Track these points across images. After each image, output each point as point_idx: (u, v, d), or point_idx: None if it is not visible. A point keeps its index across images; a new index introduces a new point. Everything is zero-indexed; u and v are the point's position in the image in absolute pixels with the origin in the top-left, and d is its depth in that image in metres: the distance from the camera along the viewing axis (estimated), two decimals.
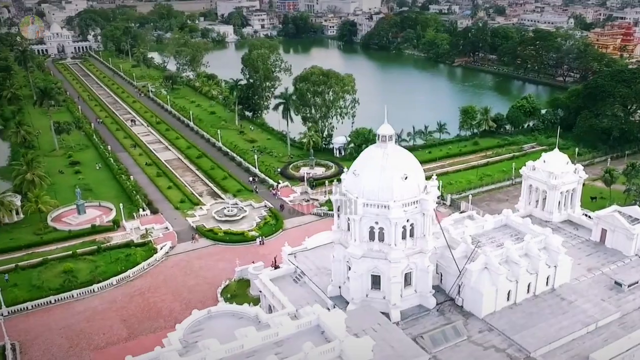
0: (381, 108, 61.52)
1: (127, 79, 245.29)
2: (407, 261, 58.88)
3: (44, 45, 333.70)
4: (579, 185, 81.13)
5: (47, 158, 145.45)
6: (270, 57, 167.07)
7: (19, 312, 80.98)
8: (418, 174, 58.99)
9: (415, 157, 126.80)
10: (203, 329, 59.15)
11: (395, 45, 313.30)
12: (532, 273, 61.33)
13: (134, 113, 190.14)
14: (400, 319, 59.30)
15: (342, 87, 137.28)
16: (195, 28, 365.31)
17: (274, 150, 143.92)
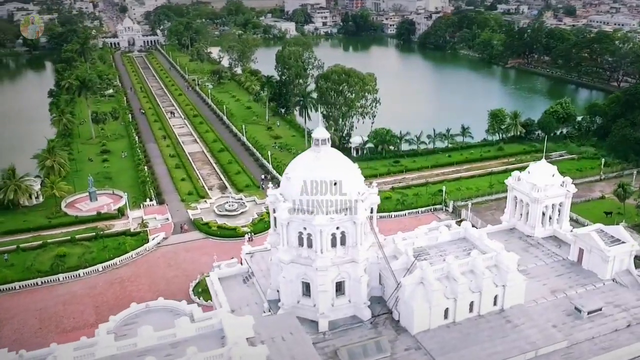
0: (418, 109, 58.72)
1: (181, 73, 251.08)
2: (337, 270, 55.82)
3: (117, 39, 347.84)
4: (567, 200, 74.53)
5: (83, 146, 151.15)
6: (303, 54, 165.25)
7: (6, 291, 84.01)
8: (351, 181, 55.61)
9: (434, 160, 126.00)
10: (137, 322, 58.55)
11: (450, 45, 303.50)
12: (475, 291, 56.59)
13: (176, 105, 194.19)
14: (329, 329, 56.36)
15: (362, 87, 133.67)
16: (259, 25, 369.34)
17: (294, 147, 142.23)
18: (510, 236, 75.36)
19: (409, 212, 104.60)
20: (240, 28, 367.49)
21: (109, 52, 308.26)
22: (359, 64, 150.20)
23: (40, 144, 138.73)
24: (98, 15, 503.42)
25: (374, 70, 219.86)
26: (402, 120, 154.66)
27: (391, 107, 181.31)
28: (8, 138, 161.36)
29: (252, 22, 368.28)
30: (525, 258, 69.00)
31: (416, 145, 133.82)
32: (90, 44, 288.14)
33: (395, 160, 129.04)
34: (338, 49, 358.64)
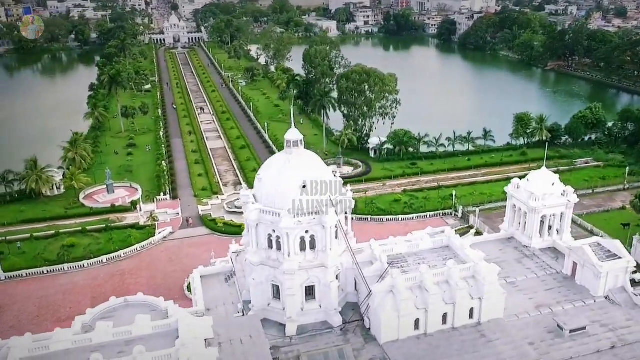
0: (446, 111, 57.21)
1: (218, 69, 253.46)
2: (306, 274, 54.38)
3: (163, 35, 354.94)
4: (568, 210, 70.55)
5: (112, 139, 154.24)
6: (330, 54, 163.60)
7: (14, 278, 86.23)
8: (323, 184, 53.90)
9: (452, 163, 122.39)
10: (113, 316, 58.78)
11: (490, 46, 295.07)
12: (448, 303, 54.04)
13: (207, 102, 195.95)
14: (298, 333, 54.99)
15: (381, 87, 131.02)
16: (301, 23, 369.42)
17: (314, 146, 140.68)
18: (506, 246, 72.09)
19: (417, 215, 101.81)
20: (283, 26, 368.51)
21: (152, 48, 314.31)
22: (394, 63, 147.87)
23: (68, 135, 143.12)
24: (149, 12, 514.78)
25: (407, 70, 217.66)
26: (427, 121, 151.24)
27: (418, 108, 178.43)
28: (46, 130, 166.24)
29: (295, 21, 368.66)
30: (516, 269, 65.97)
31: (435, 148, 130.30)
32: (135, 41, 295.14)
33: (412, 162, 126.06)
34: (377, 48, 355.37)
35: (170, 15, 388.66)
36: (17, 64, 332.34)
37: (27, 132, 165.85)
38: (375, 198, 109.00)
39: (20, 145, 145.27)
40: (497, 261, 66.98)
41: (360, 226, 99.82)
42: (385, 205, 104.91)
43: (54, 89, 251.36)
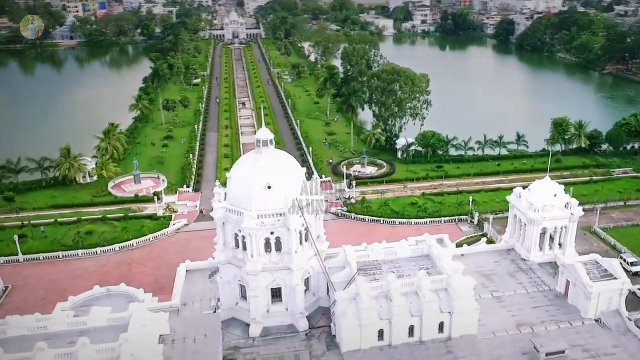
0: (486, 113, 55.33)
1: (268, 65, 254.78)
2: (271, 276, 52.96)
3: (223, 31, 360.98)
4: (572, 224, 65.76)
5: (153, 131, 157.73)
6: (370, 52, 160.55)
7: (31, 261, 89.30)
8: (289, 186, 52.15)
9: (480, 168, 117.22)
10: (94, 304, 59.73)
11: (548, 48, 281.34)
12: (415, 315, 51.20)
13: (250, 97, 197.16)
14: (262, 335, 53.76)
15: (411, 87, 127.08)
16: (358, 21, 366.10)
17: (344, 144, 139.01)
18: (504, 257, 68.12)
19: (431, 220, 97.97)
20: (339, 24, 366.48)
21: (210, 44, 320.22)
22: (445, 64, 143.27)
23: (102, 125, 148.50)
24: (215, 8, 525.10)
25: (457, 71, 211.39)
26: (462, 124, 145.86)
27: (457, 110, 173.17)
28: (95, 120, 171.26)
29: (352, 19, 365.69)
30: (506, 283, 62.10)
31: (463, 152, 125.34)
32: (194, 36, 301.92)
33: (438, 165, 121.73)
34: (432, 47, 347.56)
35: (231, 12, 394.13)
36: (87, 56, 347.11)
37: (78, 121, 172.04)
38: (392, 200, 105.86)
39: (68, 134, 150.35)
40: (489, 273, 63.68)
41: (371, 228, 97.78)
42: (400, 208, 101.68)
43: (115, 81, 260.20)
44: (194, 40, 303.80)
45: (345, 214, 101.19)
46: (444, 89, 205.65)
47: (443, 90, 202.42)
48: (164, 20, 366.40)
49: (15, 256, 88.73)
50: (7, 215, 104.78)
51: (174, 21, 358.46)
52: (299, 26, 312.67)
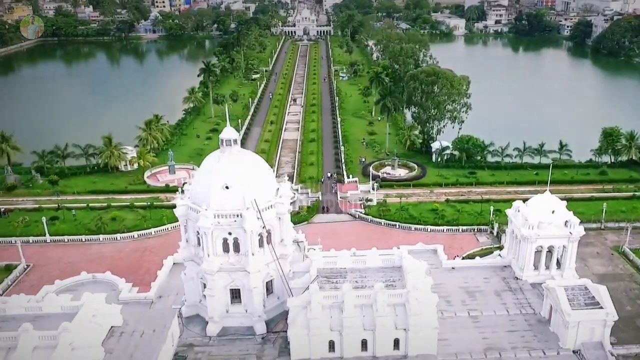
0: (537, 119, 53.53)
1: (329, 63, 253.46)
2: (229, 277, 51.92)
3: (294, 28, 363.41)
4: (571, 244, 60.03)
5: (202, 123, 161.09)
6: (418, 53, 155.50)
7: (57, 242, 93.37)
8: (249, 187, 50.70)
9: (515, 176, 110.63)
10: (77, 290, 61.47)
11: (625, 52, 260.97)
12: (368, 329, 48.44)
13: (304, 93, 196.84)
14: (220, 334, 52.95)
15: (449, 89, 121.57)
16: (428, 20, 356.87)
17: (380, 144, 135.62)
18: (496, 274, 63.44)
19: (448, 228, 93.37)
20: (410, 23, 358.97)
21: (279, 40, 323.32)
22: (511, 65, 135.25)
23: (170, 118, 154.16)
24: (294, 5, 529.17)
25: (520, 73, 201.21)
26: (510, 129, 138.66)
27: (505, 115, 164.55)
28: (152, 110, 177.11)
29: (423, 17, 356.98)
30: (488, 302, 57.72)
31: (500, 158, 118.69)
32: (264, 32, 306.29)
33: (471, 171, 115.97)
34: (503, 48, 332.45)
35: (303, 9, 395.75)
36: (165, 49, 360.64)
37: (134, 111, 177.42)
38: (413, 205, 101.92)
39: (120, 123, 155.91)
40: (474, 290, 59.72)
41: (385, 232, 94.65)
42: (419, 213, 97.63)
43: (183, 73, 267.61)
44: (263, 36, 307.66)
45: (362, 216, 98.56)
46: (501, 92, 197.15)
47: (499, 93, 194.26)
48: (238, 16, 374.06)
49: (43, 236, 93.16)
50: (49, 197, 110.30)
51: (248, 17, 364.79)
52: (366, 24, 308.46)
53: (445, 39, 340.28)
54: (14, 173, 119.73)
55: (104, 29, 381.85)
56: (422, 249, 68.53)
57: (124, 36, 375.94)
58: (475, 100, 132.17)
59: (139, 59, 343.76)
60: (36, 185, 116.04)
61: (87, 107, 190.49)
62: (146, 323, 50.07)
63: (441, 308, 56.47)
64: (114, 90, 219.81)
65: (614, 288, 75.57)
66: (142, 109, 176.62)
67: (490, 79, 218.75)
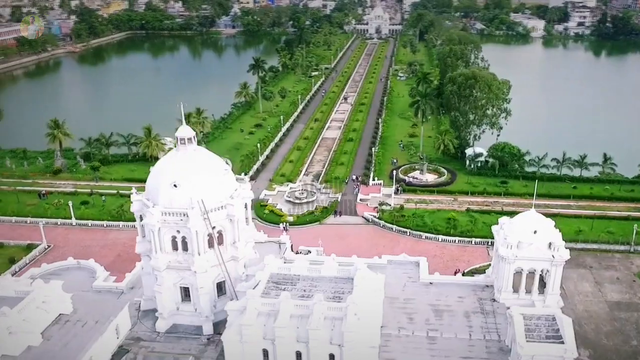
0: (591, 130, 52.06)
1: (391, 62, 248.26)
2: (178, 275, 51.34)
3: (366, 26, 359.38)
4: (555, 268, 54.35)
5: (250, 118, 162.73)
6: (469, 55, 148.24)
7: (82, 225, 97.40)
8: (198, 187, 49.62)
9: (549, 189, 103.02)
10: (60, 275, 63.63)
11: None
12: (301, 341, 46.12)
13: (358, 92, 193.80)
14: (168, 331, 52.63)
15: (487, 94, 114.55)
16: (505, 20, 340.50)
17: (417, 148, 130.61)
18: (473, 293, 58.82)
19: (460, 239, 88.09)
20: (486, 23, 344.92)
21: (348, 37, 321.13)
22: (581, 70, 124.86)
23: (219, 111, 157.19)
24: (374, 3, 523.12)
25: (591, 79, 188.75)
26: (559, 138, 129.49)
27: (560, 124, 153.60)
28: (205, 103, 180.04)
29: (500, 18, 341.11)
30: (453, 324, 53.62)
31: (537, 168, 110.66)
32: (333, 29, 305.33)
33: (503, 180, 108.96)
34: (581, 52, 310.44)
35: (376, 8, 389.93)
36: (242, 44, 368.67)
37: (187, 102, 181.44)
38: (431, 212, 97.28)
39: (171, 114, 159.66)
40: (443, 309, 56.01)
41: (394, 238, 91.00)
42: (432, 221, 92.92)
43: None
44: (333, 34, 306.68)
45: (375, 220, 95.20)
46: (563, 99, 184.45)
47: (561, 100, 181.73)
48: (313, 14, 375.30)
49: (69, 219, 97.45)
50: (87, 182, 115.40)
51: (322, 15, 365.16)
52: (437, 23, 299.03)
53: (521, 40, 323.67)
54: (62, 158, 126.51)
55: (187, 23, 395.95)
56: (404, 260, 64.92)
57: (204, 31, 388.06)
58: (528, 106, 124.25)
59: (216, 53, 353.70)
60: (79, 170, 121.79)
61: (150, 97, 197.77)
62: (94, 313, 50.59)
63: (401, 325, 53.22)
64: (181, 82, 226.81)
65: (626, 319, 68.78)
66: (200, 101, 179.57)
67: (555, 85, 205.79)
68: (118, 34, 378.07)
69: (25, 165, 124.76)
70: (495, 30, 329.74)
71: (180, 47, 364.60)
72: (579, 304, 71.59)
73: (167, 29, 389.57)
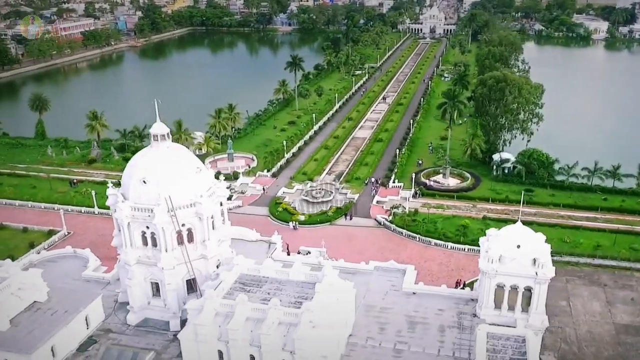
0: None
1: (439, 62, 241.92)
2: (146, 269, 51.40)
3: (421, 25, 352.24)
4: (539, 286, 50.64)
5: (287, 115, 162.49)
6: (508, 57, 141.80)
7: (103, 214, 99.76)
8: (167, 183, 49.27)
9: (576, 199, 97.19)
10: (56, 262, 65.57)
11: None
12: (254, 345, 44.98)
13: (398, 92, 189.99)
14: (139, 324, 52.82)
15: (515, 98, 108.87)
16: (566, 21, 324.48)
17: (444, 151, 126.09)
18: (455, 306, 55.93)
19: (470, 248, 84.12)
20: (545, 24, 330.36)
21: (400, 37, 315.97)
22: None
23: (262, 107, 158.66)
24: (432, 2, 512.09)
25: None
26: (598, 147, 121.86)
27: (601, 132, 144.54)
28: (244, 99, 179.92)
29: (560, 19, 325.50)
30: (425, 338, 51.21)
31: (566, 178, 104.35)
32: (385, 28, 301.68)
33: (529, 188, 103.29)
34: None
35: (432, 7, 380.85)
36: (297, 41, 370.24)
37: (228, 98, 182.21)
38: (445, 217, 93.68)
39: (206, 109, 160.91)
40: (419, 321, 53.77)
41: (402, 243, 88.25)
42: (442, 227, 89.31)
43: None
44: (385, 33, 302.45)
45: (386, 224, 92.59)
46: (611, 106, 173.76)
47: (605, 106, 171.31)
48: (367, 12, 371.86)
49: (92, 208, 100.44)
50: (118, 172, 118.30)
51: (375, 14, 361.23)
52: (491, 24, 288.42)
53: (582, 42, 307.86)
54: (99, 148, 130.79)
55: (245, 20, 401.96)
56: (391, 267, 62.53)
57: (261, 28, 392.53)
58: (571, 112, 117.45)
59: (271, 50, 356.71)
60: (112, 160, 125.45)
61: (197, 91, 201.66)
62: (67, 303, 51.31)
63: (370, 335, 51.22)
64: (231, 78, 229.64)
65: (632, 344, 63.89)
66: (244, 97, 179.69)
67: (608, 89, 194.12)
68: (179, 30, 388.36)
69: (64, 154, 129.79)
70: (555, 32, 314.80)
71: (237, 44, 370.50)
72: (583, 324, 66.67)
73: (226, 25, 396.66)
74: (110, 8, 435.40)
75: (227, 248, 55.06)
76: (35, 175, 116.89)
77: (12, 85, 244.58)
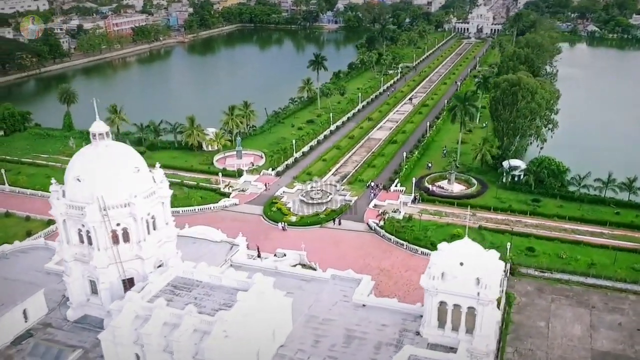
0: None
1: (477, 63, 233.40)
2: (83, 267, 51.03)
3: (467, 25, 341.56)
4: (483, 307, 46.90)
5: (308, 113, 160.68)
6: (534, 58, 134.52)
7: None
8: (101, 182, 48.53)
9: (585, 212, 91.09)
10: (28, 253, 66.83)
11: None
12: (167, 351, 43.62)
13: (427, 93, 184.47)
14: (78, 320, 52.70)
15: (528, 103, 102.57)
16: (622, 22, 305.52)
17: (455, 155, 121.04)
18: (401, 322, 53.11)
19: None
20: (600, 25, 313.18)
21: (443, 36, 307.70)
22: None
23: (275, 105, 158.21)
24: (486, 1, 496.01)
25: None
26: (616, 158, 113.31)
27: None
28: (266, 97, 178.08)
29: (616, 20, 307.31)
30: (356, 354, 49.23)
31: (578, 188, 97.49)
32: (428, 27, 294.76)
33: (536, 198, 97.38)
34: None
35: (478, 7, 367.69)
36: (342, 39, 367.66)
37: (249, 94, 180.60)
38: (439, 225, 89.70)
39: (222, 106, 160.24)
40: (358, 336, 51.19)
41: (389, 250, 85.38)
42: (434, 235, 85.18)
43: (340, 63, 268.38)
44: (427, 32, 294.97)
45: (376, 229, 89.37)
46: None
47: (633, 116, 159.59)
48: (413, 11, 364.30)
49: None
50: None
51: (420, 12, 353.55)
52: (539, 24, 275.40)
53: (637, 45, 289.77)
54: (116, 141, 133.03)
55: (292, 17, 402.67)
56: (347, 276, 59.85)
57: (308, 25, 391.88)
58: (595, 121, 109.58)
59: (317, 47, 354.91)
60: None
61: (234, 87, 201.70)
62: (4, 296, 51.71)
63: (302, 347, 49.03)
64: (269, 74, 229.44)
65: None
66: (275, 94, 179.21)
67: None
68: (228, 27, 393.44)
69: (84, 146, 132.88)
70: (609, 34, 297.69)
71: (283, 41, 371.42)
72: (558, 348, 61.61)
73: (273, 22, 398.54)
74: (167, 5, 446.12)
75: (172, 249, 53.96)
76: (52, 166, 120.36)
77: (62, 77, 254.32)
